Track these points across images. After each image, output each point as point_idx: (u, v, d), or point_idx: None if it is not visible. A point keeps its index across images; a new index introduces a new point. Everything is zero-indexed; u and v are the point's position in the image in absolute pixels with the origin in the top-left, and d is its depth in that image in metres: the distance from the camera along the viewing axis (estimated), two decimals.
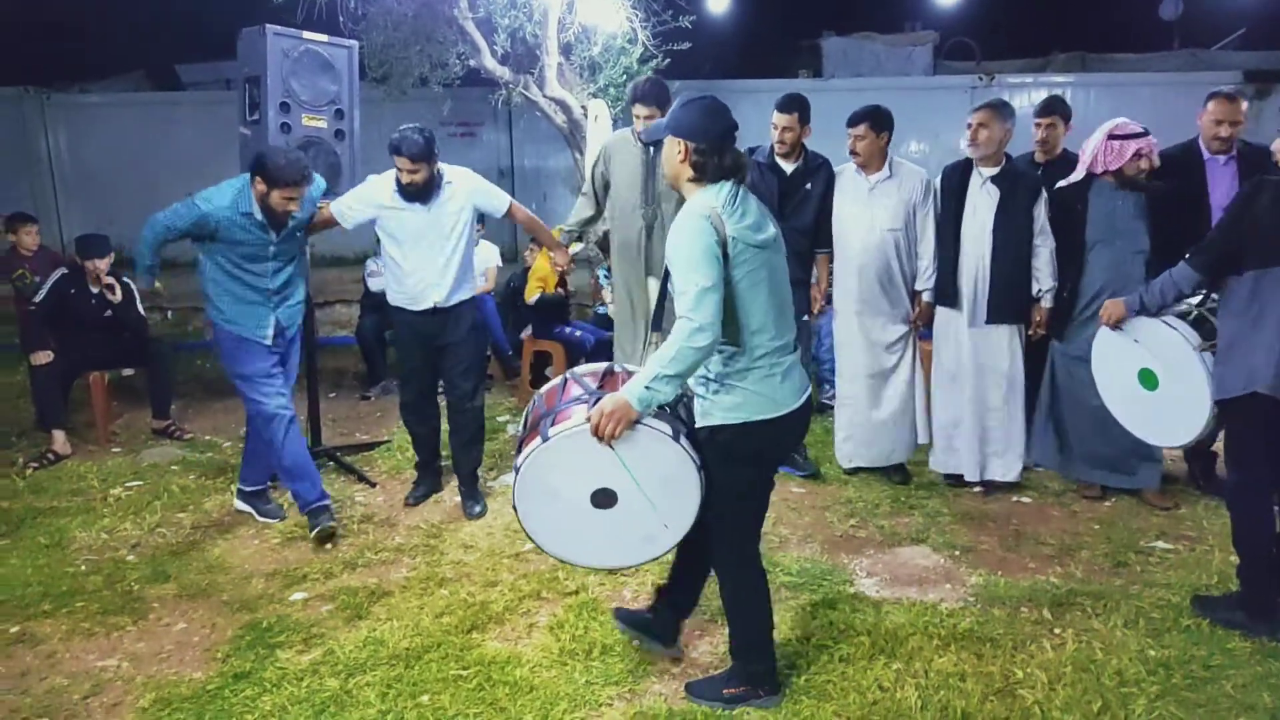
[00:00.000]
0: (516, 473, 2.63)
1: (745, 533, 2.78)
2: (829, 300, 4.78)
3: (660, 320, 2.66)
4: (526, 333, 6.44)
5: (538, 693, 2.92)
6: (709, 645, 3.18)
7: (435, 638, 3.24)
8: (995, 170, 4.29)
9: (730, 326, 2.51)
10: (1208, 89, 4.43)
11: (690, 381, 2.64)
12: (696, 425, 2.64)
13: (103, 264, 5.53)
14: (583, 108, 7.87)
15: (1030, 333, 4.40)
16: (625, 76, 8.27)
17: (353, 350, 7.26)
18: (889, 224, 4.45)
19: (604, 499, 2.61)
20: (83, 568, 3.85)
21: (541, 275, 6.31)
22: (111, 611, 3.48)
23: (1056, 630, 3.25)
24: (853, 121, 4.42)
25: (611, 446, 2.50)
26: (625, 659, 3.08)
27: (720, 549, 2.76)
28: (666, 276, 2.56)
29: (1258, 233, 3.06)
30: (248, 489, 4.37)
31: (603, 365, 2.91)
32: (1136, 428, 3.83)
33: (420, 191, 4.14)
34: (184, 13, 12.16)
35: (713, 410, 2.59)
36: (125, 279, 5.71)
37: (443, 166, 4.25)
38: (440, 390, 4.56)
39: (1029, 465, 4.69)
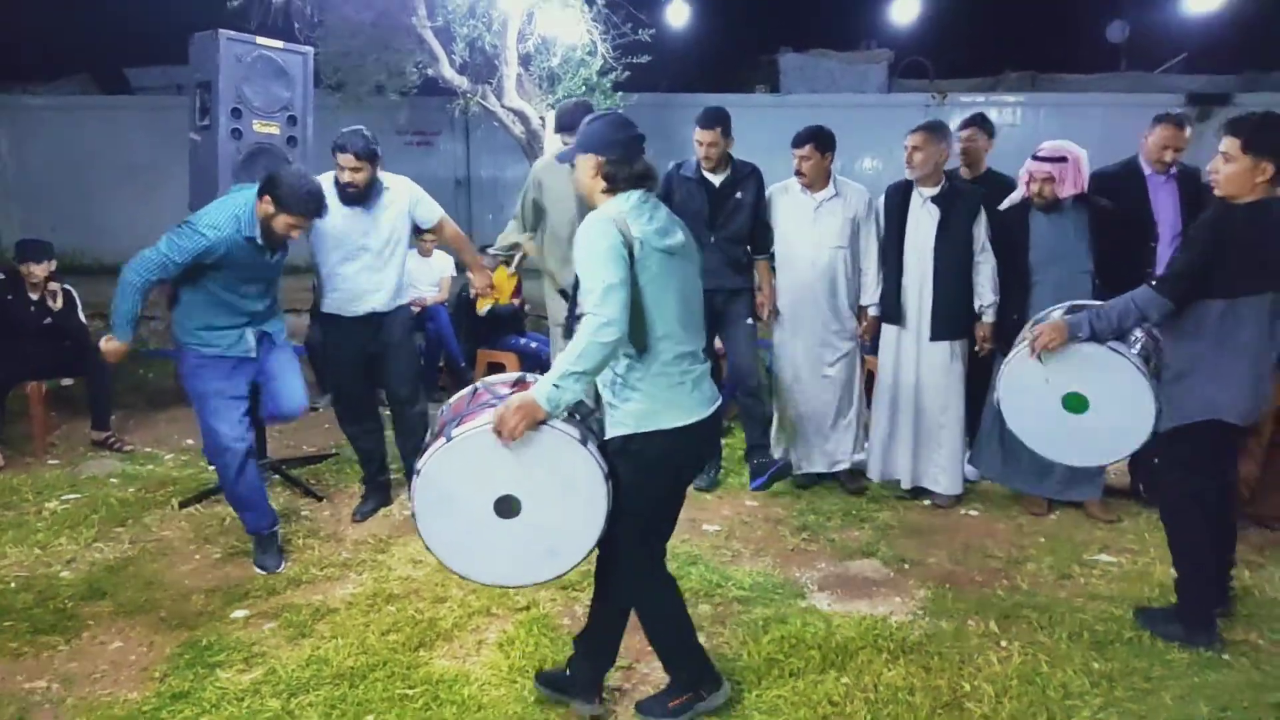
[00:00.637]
0: (416, 474, 2.52)
1: (651, 545, 2.73)
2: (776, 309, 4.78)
3: (571, 328, 2.59)
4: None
5: (486, 712, 2.88)
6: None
7: (381, 656, 3.18)
8: (935, 190, 4.37)
9: (636, 329, 2.49)
10: (1153, 110, 4.55)
11: (601, 390, 2.62)
12: (608, 436, 2.60)
13: (39, 269, 5.38)
14: (541, 118, 7.86)
15: (976, 349, 4.47)
16: (584, 88, 8.28)
17: (301, 359, 7.12)
18: (835, 241, 4.51)
19: (507, 507, 2.51)
20: (12, 585, 3.72)
21: (494, 285, 6.27)
22: (42, 630, 3.36)
23: (1003, 643, 3.28)
24: (797, 142, 4.47)
25: (510, 448, 2.43)
26: None
27: (624, 562, 2.69)
28: (576, 285, 2.53)
29: (1226, 261, 3.03)
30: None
31: (514, 375, 2.85)
32: (1049, 450, 3.56)
33: (360, 195, 4.10)
34: (134, 16, 11.94)
35: (624, 419, 2.56)
36: (66, 285, 5.56)
37: (382, 175, 4.21)
38: (382, 400, 4.49)
39: (973, 478, 4.75)
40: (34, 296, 5.41)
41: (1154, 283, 3.16)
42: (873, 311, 4.59)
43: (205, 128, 4.44)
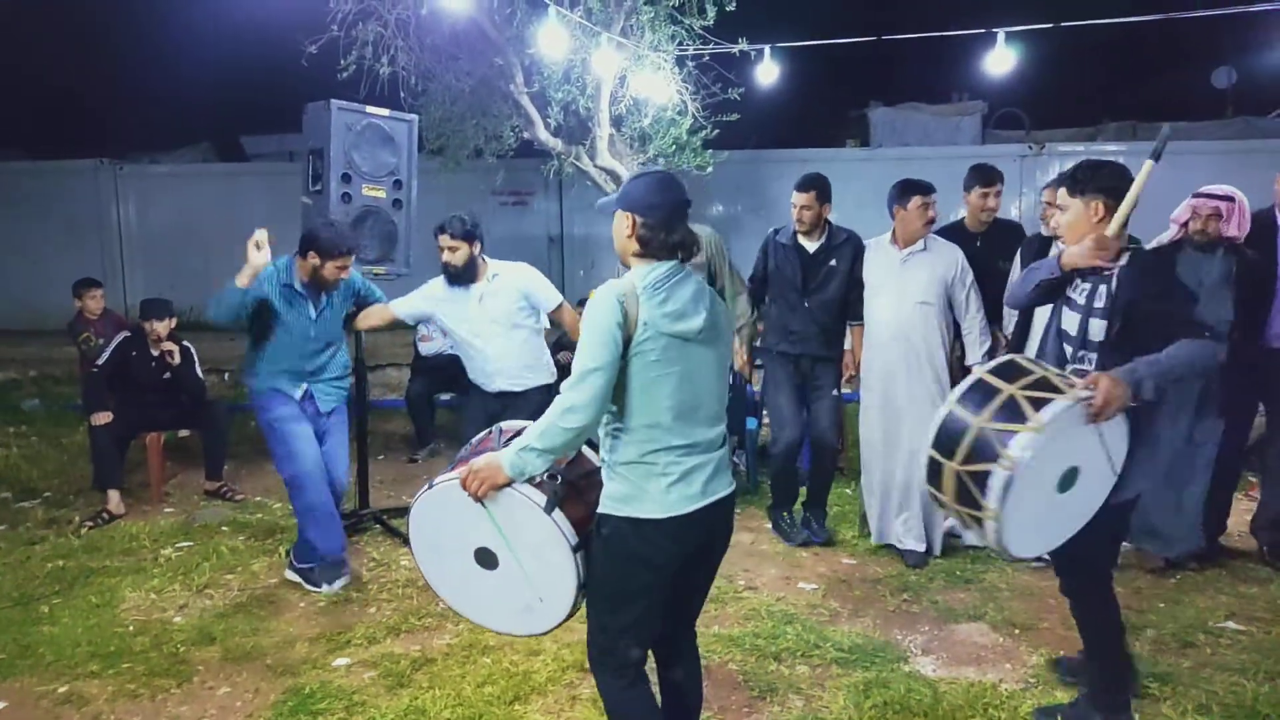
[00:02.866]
0: (408, 515, 2.60)
1: (615, 637, 2.44)
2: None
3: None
4: None
5: None
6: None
7: (478, 708, 3.19)
8: None
9: (625, 413, 2.35)
10: (1265, 157, 4.40)
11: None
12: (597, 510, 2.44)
13: (161, 326, 5.67)
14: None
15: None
16: (674, 146, 8.40)
17: (401, 413, 7.33)
18: (920, 297, 4.39)
19: (486, 559, 2.50)
20: (130, 629, 3.88)
21: None
22: (157, 673, 3.49)
23: None
24: (927, 190, 4.43)
25: (483, 504, 2.40)
26: None
27: (590, 646, 2.51)
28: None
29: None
30: (300, 565, 4.36)
31: (526, 423, 2.72)
32: (1033, 546, 2.80)
33: (461, 273, 4.33)
34: (251, 88, 12.69)
35: (605, 498, 2.40)
36: (185, 343, 5.86)
37: (494, 264, 4.45)
38: None
39: None
40: (154, 352, 5.71)
41: (1207, 335, 2.75)
42: (977, 371, 4.41)
43: (317, 192, 4.66)
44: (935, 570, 4.37)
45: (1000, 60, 6.33)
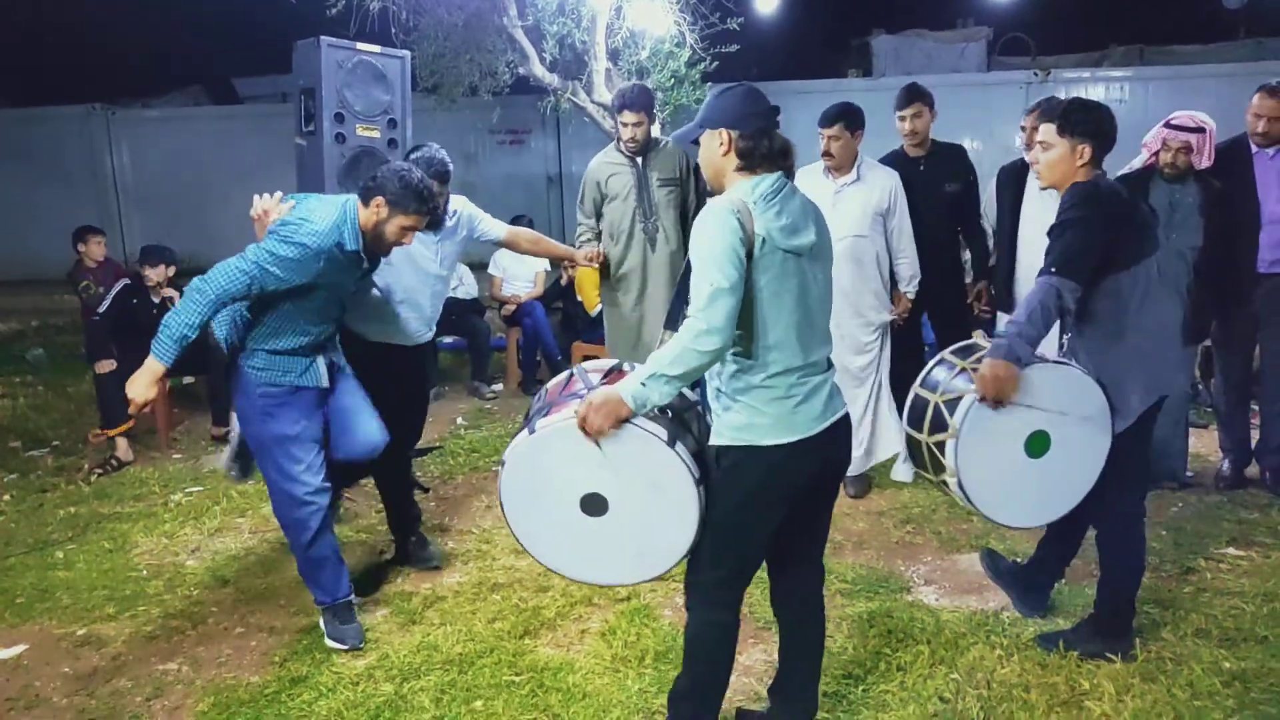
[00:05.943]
0: (501, 465, 2.45)
1: (730, 571, 2.43)
2: None
3: (676, 318, 2.40)
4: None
5: (590, 700, 2.91)
6: (762, 653, 3.14)
7: (488, 643, 3.25)
8: None
9: (745, 336, 2.27)
10: (1277, 79, 4.32)
11: (709, 397, 2.43)
12: (710, 442, 2.39)
13: (154, 273, 5.64)
14: None
15: None
16: (673, 80, 8.25)
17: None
18: (853, 230, 4.27)
19: (594, 505, 2.38)
20: (144, 572, 3.94)
21: (595, 283, 6.32)
22: (173, 615, 3.56)
23: None
24: (826, 121, 4.25)
25: (599, 444, 2.29)
26: (678, 666, 3.03)
27: (696, 577, 2.45)
28: (687, 271, 2.32)
29: (1118, 234, 2.80)
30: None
31: (611, 362, 2.68)
32: (1029, 516, 2.99)
33: (433, 220, 3.67)
34: (240, 28, 12.44)
35: (722, 430, 2.34)
36: (185, 289, 5.83)
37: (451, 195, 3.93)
38: None
39: None
40: (156, 300, 5.69)
41: (1052, 269, 2.74)
42: (910, 295, 4.47)
43: (310, 133, 4.56)
44: (938, 502, 4.40)
45: None
